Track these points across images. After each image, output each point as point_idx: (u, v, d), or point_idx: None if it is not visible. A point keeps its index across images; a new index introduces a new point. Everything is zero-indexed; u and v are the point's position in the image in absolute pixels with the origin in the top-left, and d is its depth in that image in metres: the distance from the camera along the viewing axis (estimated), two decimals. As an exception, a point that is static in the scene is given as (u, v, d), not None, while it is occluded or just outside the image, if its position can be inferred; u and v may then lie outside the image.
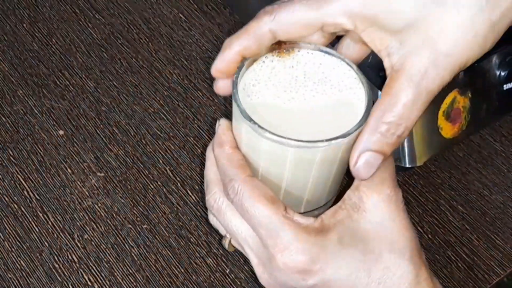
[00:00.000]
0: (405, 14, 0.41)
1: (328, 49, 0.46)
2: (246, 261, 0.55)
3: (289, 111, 0.45)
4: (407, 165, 0.58)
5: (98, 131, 0.62)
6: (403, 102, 0.42)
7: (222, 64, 0.45)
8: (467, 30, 0.41)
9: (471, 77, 0.58)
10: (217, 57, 0.45)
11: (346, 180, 0.48)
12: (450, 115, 0.58)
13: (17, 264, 0.54)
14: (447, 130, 0.58)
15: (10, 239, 0.55)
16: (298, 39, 0.46)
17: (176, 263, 0.55)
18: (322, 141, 0.42)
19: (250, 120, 0.43)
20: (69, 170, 0.59)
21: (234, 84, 0.45)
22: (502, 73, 0.60)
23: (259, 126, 0.43)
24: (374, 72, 0.57)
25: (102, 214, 0.57)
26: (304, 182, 0.46)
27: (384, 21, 0.41)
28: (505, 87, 0.60)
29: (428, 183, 0.61)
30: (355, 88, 0.45)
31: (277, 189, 0.47)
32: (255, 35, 0.44)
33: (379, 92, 0.45)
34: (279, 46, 0.46)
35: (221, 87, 0.46)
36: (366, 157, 0.43)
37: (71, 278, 0.54)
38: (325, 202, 0.49)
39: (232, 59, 0.45)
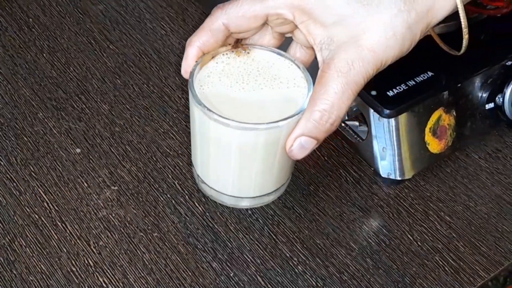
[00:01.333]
0: (336, 10, 0.48)
1: (281, 51, 0.53)
2: (249, 265, 0.60)
3: (238, 100, 0.51)
4: (397, 178, 0.63)
5: (112, 149, 0.67)
6: (334, 90, 0.47)
7: (186, 62, 0.52)
8: (387, 29, 0.47)
9: (455, 97, 0.63)
10: (183, 59, 0.52)
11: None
12: (436, 132, 0.63)
13: (38, 268, 0.58)
14: (434, 145, 0.63)
15: (31, 246, 0.60)
16: (248, 30, 0.52)
17: (184, 267, 0.59)
18: (262, 123, 0.48)
19: (200, 103, 0.49)
20: (86, 184, 0.64)
21: (191, 75, 0.51)
22: (484, 94, 0.65)
23: (208, 109, 0.49)
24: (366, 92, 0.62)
25: (116, 223, 0.62)
26: (251, 165, 0.52)
27: (318, 14, 0.48)
28: (487, 106, 0.65)
29: (417, 196, 0.65)
30: (301, 86, 0.52)
31: (227, 172, 0.53)
32: (211, 30, 0.51)
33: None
34: (236, 46, 0.53)
35: None
36: (301, 140, 0.49)
37: (88, 280, 0.58)
38: (275, 188, 0.55)
39: (195, 55, 0.52)
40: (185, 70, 0.53)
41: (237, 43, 0.54)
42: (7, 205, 0.62)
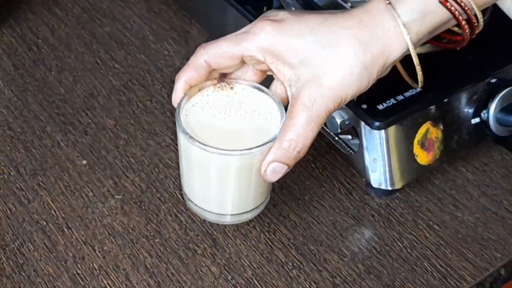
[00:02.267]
0: (301, 52, 0.53)
1: (261, 87, 0.59)
2: (246, 269, 0.63)
3: (220, 128, 0.57)
4: (388, 188, 0.66)
5: (116, 161, 0.71)
6: (299, 123, 0.53)
7: (175, 95, 0.58)
8: (345, 69, 0.53)
9: (442, 112, 0.67)
10: (173, 92, 0.58)
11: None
12: (424, 144, 0.66)
13: (45, 271, 0.61)
14: (422, 157, 0.67)
15: (39, 250, 0.63)
16: (227, 68, 0.58)
17: (185, 271, 0.62)
18: (237, 150, 0.54)
19: (184, 132, 0.54)
20: (91, 194, 0.68)
21: (179, 106, 0.58)
22: (469, 110, 0.68)
23: (190, 136, 0.54)
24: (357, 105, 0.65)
25: (120, 230, 0.65)
26: (229, 186, 0.57)
27: (285, 56, 0.54)
28: (473, 121, 0.69)
29: (407, 206, 0.69)
30: (277, 118, 0.57)
31: (209, 192, 0.59)
32: (195, 66, 0.57)
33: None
34: (221, 80, 0.59)
35: None
36: (273, 166, 0.55)
37: (92, 282, 0.61)
38: (252, 207, 0.61)
39: (182, 89, 0.58)
40: (174, 101, 0.58)
41: (222, 78, 0.60)
42: (17, 212, 0.66)
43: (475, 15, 0.54)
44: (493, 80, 0.69)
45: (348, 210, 0.68)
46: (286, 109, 0.56)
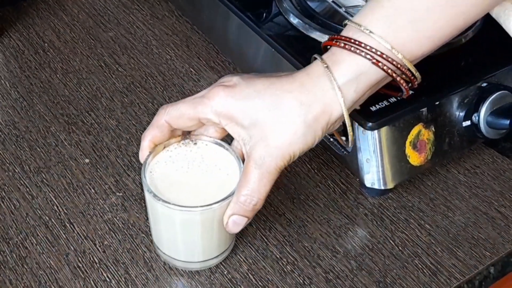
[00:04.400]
0: (251, 115, 0.58)
1: (222, 143, 0.63)
2: (242, 264, 0.65)
3: (182, 183, 0.60)
4: (381, 187, 0.68)
5: (118, 160, 0.73)
6: (253, 180, 0.58)
7: (141, 152, 0.62)
8: (289, 129, 0.57)
9: (433, 114, 0.69)
10: (139, 150, 0.62)
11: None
12: (416, 145, 0.68)
13: (47, 263, 0.64)
14: (414, 158, 0.69)
15: (42, 244, 0.65)
16: (187, 128, 0.62)
17: (182, 265, 0.64)
18: (198, 206, 0.58)
19: (149, 190, 0.59)
20: (93, 191, 0.70)
21: (144, 163, 0.61)
22: (461, 113, 0.70)
23: (155, 195, 0.58)
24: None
25: (120, 225, 0.67)
26: (193, 237, 0.61)
27: (237, 118, 0.58)
28: (464, 124, 0.71)
29: (400, 206, 0.71)
30: (236, 173, 0.61)
31: (175, 243, 0.62)
32: (157, 126, 0.62)
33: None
34: (184, 137, 0.62)
35: None
36: (234, 218, 0.59)
37: (93, 275, 0.63)
38: (217, 254, 0.64)
39: (147, 147, 0.62)
40: (141, 158, 0.62)
41: (186, 135, 0.63)
42: (21, 208, 0.68)
43: (409, 69, 0.58)
44: (484, 84, 0.71)
45: (342, 209, 0.70)
46: None
